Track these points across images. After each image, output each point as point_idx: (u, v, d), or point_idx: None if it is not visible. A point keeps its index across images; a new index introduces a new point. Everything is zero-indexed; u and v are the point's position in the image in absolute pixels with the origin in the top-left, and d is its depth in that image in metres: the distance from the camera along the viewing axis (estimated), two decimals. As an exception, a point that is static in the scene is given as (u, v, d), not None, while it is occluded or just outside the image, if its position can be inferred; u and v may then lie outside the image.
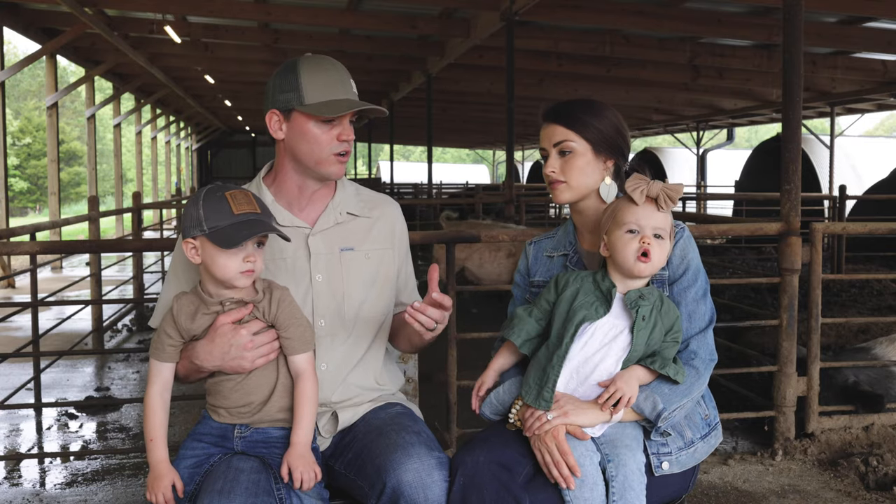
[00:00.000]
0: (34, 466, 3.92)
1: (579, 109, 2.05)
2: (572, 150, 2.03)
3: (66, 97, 27.86)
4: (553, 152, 2.06)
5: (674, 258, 1.98)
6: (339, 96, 1.97)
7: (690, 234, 2.02)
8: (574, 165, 2.04)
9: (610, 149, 2.05)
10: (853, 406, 4.08)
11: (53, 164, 12.75)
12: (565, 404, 1.85)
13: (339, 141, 2.00)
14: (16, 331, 7.22)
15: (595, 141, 2.04)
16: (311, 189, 2.09)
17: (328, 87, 1.97)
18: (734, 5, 8.59)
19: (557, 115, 2.06)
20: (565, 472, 1.78)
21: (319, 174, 2.04)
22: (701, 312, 1.96)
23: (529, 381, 1.89)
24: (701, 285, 1.98)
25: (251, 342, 1.86)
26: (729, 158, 22.49)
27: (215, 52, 12.53)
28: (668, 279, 1.98)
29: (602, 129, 2.04)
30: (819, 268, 3.98)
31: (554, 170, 2.05)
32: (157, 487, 1.80)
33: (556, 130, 2.06)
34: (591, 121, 2.03)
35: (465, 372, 3.79)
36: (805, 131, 14.50)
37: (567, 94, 14.53)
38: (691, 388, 1.88)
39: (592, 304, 1.87)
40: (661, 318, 1.87)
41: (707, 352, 1.94)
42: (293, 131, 2.02)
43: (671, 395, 1.85)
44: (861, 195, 12.08)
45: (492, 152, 39.45)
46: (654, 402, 1.84)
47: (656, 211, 1.87)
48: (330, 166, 2.02)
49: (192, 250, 1.84)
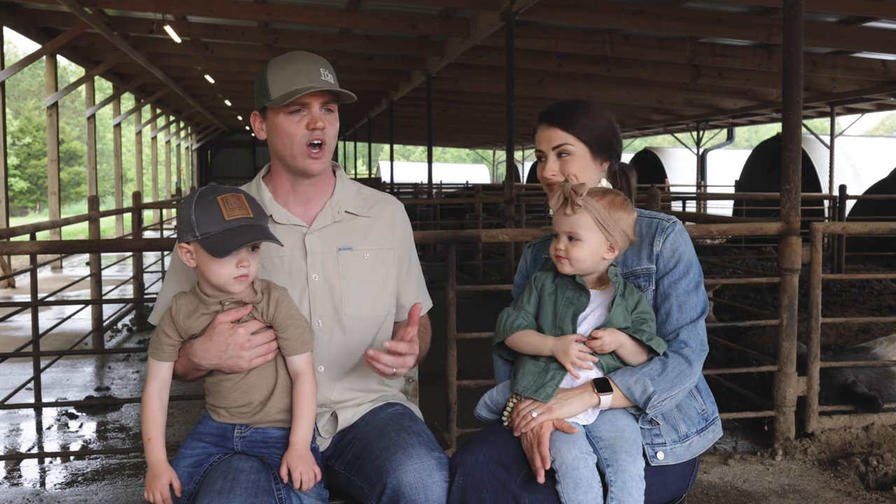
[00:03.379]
0: (34, 466, 3.92)
1: (576, 112, 2.07)
2: (571, 152, 2.06)
3: (66, 97, 27.88)
4: (551, 155, 2.08)
5: (664, 252, 1.98)
6: (302, 84, 1.96)
7: (683, 229, 2.03)
8: (572, 168, 2.06)
9: (606, 150, 2.09)
10: (851, 406, 4.08)
11: (53, 164, 12.75)
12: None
13: (309, 130, 1.98)
14: (16, 331, 7.22)
15: (592, 143, 2.06)
16: (304, 186, 2.09)
17: (291, 78, 1.97)
18: (734, 5, 8.59)
19: (555, 118, 2.08)
20: (537, 464, 1.79)
21: (298, 169, 2.03)
22: (692, 304, 1.96)
23: (527, 378, 1.91)
24: (693, 278, 1.98)
25: (248, 341, 1.85)
26: (729, 158, 22.49)
27: (215, 52, 12.52)
28: (658, 273, 1.98)
29: (598, 130, 2.06)
30: (819, 268, 3.98)
31: (554, 172, 2.07)
32: (154, 487, 1.80)
33: (554, 133, 2.07)
34: (588, 123, 2.06)
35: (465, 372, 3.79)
36: (805, 131, 14.50)
37: (567, 94, 14.53)
38: (682, 377, 1.89)
39: (575, 296, 1.93)
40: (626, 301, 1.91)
41: (697, 342, 1.94)
42: (270, 129, 2.03)
43: (662, 382, 1.86)
44: (861, 195, 12.07)
45: (492, 152, 39.43)
46: (645, 385, 1.85)
47: (564, 214, 1.91)
48: (304, 160, 2.00)
49: (187, 255, 1.84)
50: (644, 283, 1.99)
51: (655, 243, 1.99)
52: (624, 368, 1.90)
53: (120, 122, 18.85)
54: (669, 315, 1.96)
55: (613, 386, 1.87)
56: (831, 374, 4.15)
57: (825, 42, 9.67)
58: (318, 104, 1.99)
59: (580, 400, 1.86)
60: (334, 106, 2.04)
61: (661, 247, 1.98)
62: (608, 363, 1.90)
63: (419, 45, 11.37)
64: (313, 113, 1.99)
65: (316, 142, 1.99)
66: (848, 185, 10.55)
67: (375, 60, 12.80)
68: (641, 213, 2.06)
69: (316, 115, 1.99)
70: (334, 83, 2.01)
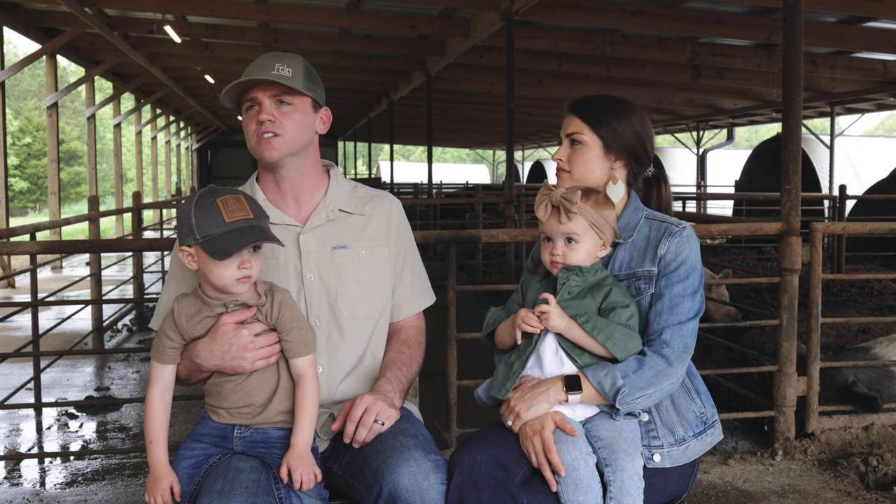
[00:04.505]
0: (34, 466, 3.92)
1: (601, 106, 2.08)
2: (582, 142, 2.07)
3: (66, 97, 27.87)
4: (565, 141, 2.10)
5: (667, 255, 1.98)
6: (247, 78, 1.99)
7: (692, 234, 2.02)
8: (580, 157, 2.06)
9: (622, 150, 2.07)
10: (851, 406, 4.08)
11: (53, 164, 12.75)
12: (516, 404, 1.89)
13: (258, 123, 2.00)
14: (16, 331, 7.22)
15: (607, 139, 2.05)
16: (286, 183, 2.09)
17: (245, 76, 2.00)
18: (734, 5, 8.59)
19: (577, 107, 2.10)
20: (548, 474, 1.79)
21: (260, 160, 2.06)
22: (685, 307, 1.95)
23: (497, 380, 1.97)
24: (691, 284, 1.97)
25: (252, 343, 1.85)
26: (729, 158, 22.49)
27: (215, 52, 12.52)
28: (658, 275, 1.98)
29: (619, 129, 2.05)
30: (819, 268, 3.98)
31: (561, 157, 2.09)
32: (155, 490, 1.80)
33: (572, 121, 2.09)
34: (610, 119, 2.05)
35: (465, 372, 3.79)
36: (805, 131, 14.50)
37: (567, 94, 14.50)
38: (658, 376, 1.87)
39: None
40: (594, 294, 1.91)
41: (680, 344, 1.92)
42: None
43: (635, 379, 1.85)
44: (861, 195, 12.07)
45: (492, 152, 39.43)
46: (614, 378, 1.84)
47: (558, 222, 1.91)
48: (259, 150, 2.03)
49: (189, 257, 1.84)
50: (644, 286, 1.98)
51: (661, 246, 1.99)
52: (598, 363, 1.89)
53: (120, 122, 18.84)
54: (659, 314, 1.94)
55: (585, 381, 1.86)
56: (831, 374, 4.15)
57: (825, 42, 9.66)
58: (267, 97, 2.00)
59: (545, 398, 1.87)
60: (292, 98, 2.02)
61: (666, 250, 1.98)
62: (586, 362, 1.89)
63: (419, 45, 11.37)
64: (262, 106, 2.01)
65: (265, 135, 2.01)
66: (848, 185, 10.54)
67: (375, 60, 12.80)
68: (654, 217, 2.06)
69: (264, 107, 2.01)
70: (289, 77, 1.99)
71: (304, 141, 2.07)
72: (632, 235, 2.03)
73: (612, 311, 1.89)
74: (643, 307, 1.97)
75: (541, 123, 22.37)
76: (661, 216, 2.07)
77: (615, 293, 1.91)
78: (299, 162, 2.08)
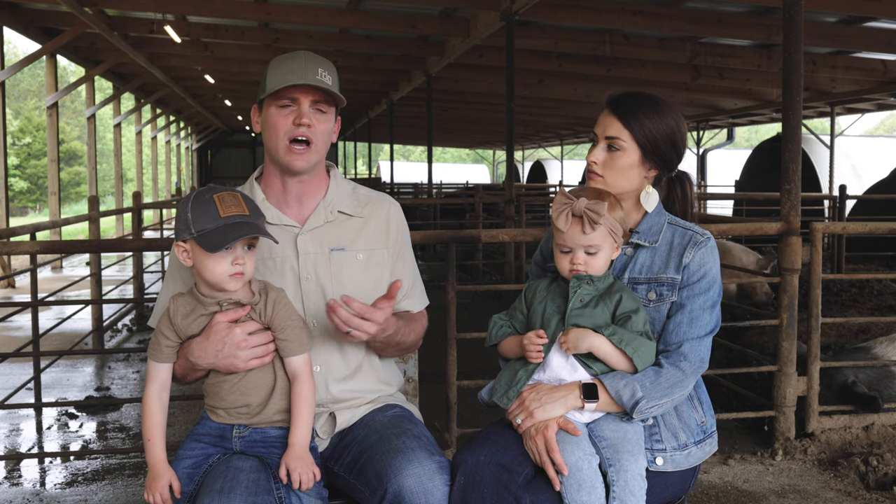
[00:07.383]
0: (34, 466, 3.92)
1: (644, 109, 2.00)
2: (621, 148, 2.00)
3: (66, 97, 27.88)
4: (602, 143, 2.03)
5: (691, 265, 1.96)
6: (295, 81, 1.96)
7: (714, 246, 2.00)
8: (617, 164, 2.01)
9: (657, 157, 2.03)
10: (851, 406, 4.08)
11: (53, 164, 12.75)
12: (530, 404, 1.87)
13: (295, 125, 1.98)
14: (16, 331, 7.22)
15: (646, 147, 2.00)
16: (293, 185, 2.08)
17: (287, 74, 1.97)
18: (734, 5, 8.59)
19: (619, 107, 2.01)
20: (551, 473, 1.79)
21: (282, 164, 2.02)
22: (704, 321, 1.95)
23: (500, 385, 1.96)
24: (711, 297, 1.97)
25: (245, 341, 1.85)
26: (729, 158, 22.49)
27: (215, 52, 12.53)
28: (681, 284, 1.97)
29: (657, 136, 2.00)
30: (819, 268, 3.98)
31: (596, 161, 2.02)
32: (154, 488, 1.80)
33: (612, 123, 2.01)
34: (650, 125, 1.99)
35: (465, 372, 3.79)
36: (805, 131, 14.49)
37: (567, 94, 14.53)
38: (672, 388, 1.87)
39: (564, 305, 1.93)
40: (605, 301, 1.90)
41: (697, 358, 1.92)
42: (263, 121, 2.04)
43: (653, 390, 1.85)
44: (861, 195, 12.07)
45: (492, 152, 39.42)
46: (634, 390, 1.84)
47: (582, 233, 1.88)
48: (286, 155, 2.00)
49: (184, 254, 1.84)
50: (667, 293, 1.97)
51: (686, 255, 1.97)
52: (615, 372, 1.88)
53: (120, 122, 18.84)
54: (679, 326, 1.94)
55: (602, 389, 1.86)
56: (831, 374, 4.15)
57: (825, 42, 9.66)
58: (308, 101, 1.99)
59: (562, 403, 1.86)
60: (328, 108, 2.02)
61: (691, 259, 1.96)
62: (601, 369, 1.89)
63: (419, 45, 11.37)
64: (301, 109, 1.98)
65: (300, 138, 1.99)
66: (848, 185, 10.54)
67: (375, 60, 12.80)
68: (677, 223, 2.04)
69: (304, 111, 1.98)
70: (331, 85, 2.00)
71: (327, 150, 2.08)
72: (657, 240, 2.01)
73: (628, 320, 1.89)
74: (662, 314, 1.97)
75: (541, 123, 22.37)
76: (683, 223, 2.05)
77: (626, 300, 1.91)
78: (314, 168, 2.08)
